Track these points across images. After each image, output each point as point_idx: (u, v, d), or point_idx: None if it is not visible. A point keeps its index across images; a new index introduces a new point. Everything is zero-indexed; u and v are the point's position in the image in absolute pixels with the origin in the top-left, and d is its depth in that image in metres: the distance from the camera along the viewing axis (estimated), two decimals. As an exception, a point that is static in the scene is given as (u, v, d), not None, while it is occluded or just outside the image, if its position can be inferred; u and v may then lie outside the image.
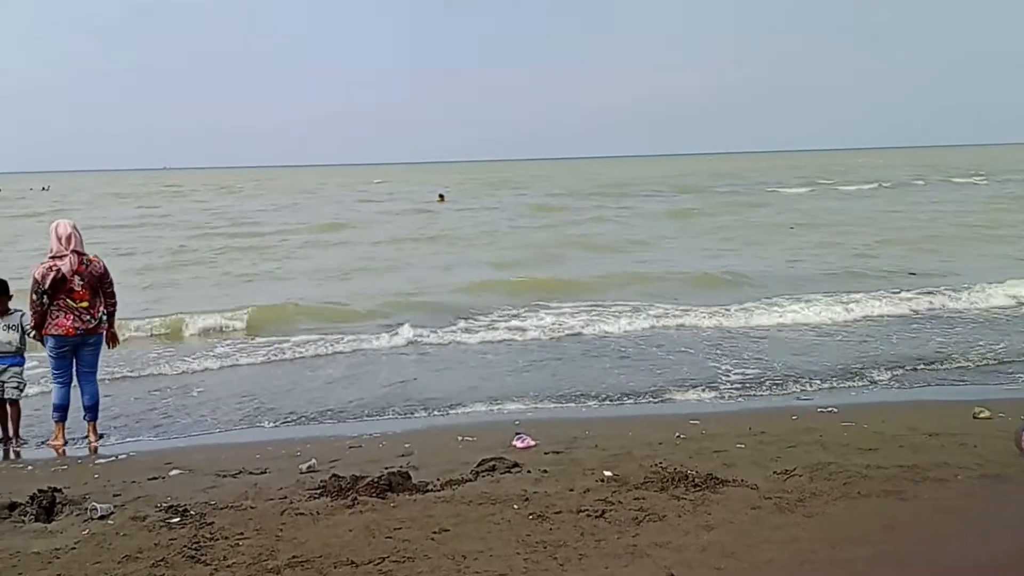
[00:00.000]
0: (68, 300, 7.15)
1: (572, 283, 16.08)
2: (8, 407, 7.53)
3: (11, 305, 7.63)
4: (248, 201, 54.56)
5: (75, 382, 7.46)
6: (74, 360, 7.38)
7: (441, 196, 47.65)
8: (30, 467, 6.66)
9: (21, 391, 7.58)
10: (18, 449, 7.35)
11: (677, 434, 6.77)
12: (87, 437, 7.45)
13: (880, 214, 31.72)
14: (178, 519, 5.01)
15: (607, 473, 5.66)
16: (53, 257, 7.13)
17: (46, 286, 7.06)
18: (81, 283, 7.18)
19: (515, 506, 5.04)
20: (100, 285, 7.36)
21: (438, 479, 5.69)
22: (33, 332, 7.34)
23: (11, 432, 7.54)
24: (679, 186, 58.38)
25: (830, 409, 7.58)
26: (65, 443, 7.35)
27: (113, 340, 7.67)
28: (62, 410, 7.38)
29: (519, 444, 6.58)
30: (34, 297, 7.12)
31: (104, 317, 7.44)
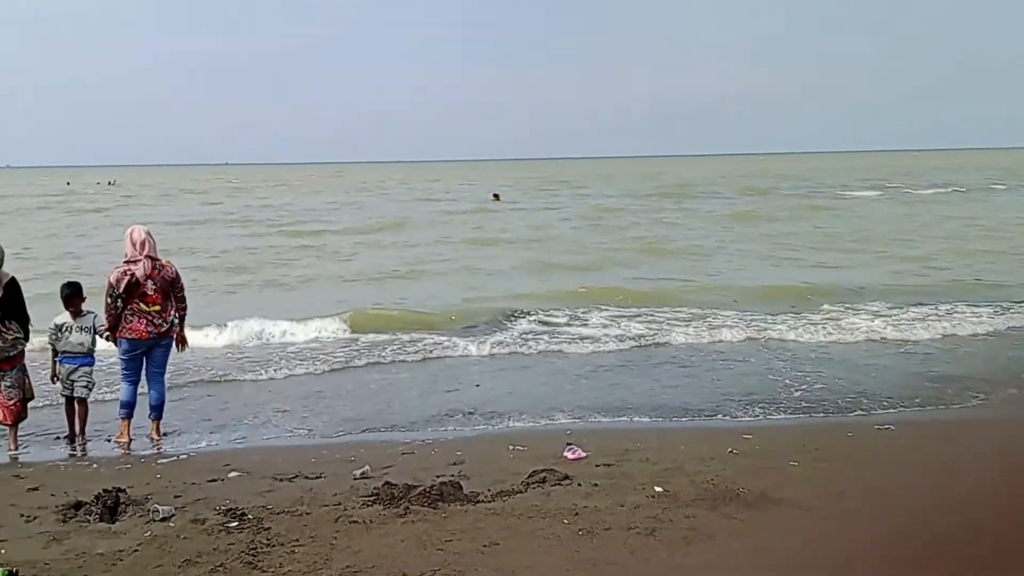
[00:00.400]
0: (141, 304, 7.40)
1: (634, 291, 15.73)
2: (76, 405, 7.79)
3: (84, 307, 7.89)
4: (308, 198, 55.46)
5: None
6: (144, 360, 7.63)
7: (496, 195, 47.78)
8: (95, 465, 6.88)
9: (90, 390, 7.83)
10: (81, 451, 7.56)
11: (730, 449, 6.70)
12: (150, 435, 7.69)
13: (957, 220, 30.59)
14: (236, 523, 5.13)
15: (658, 489, 5.64)
16: (128, 262, 7.39)
17: (120, 290, 7.31)
18: (154, 287, 7.42)
19: (565, 520, 5.06)
20: (172, 289, 7.60)
21: (488, 490, 5.72)
22: (107, 334, 7.60)
23: (77, 430, 7.79)
24: (742, 188, 57.10)
25: (888, 427, 7.44)
26: (131, 440, 7.58)
27: (183, 343, 7.90)
28: (129, 407, 7.62)
29: (570, 455, 6.58)
30: (109, 300, 7.38)
31: (175, 321, 7.68)
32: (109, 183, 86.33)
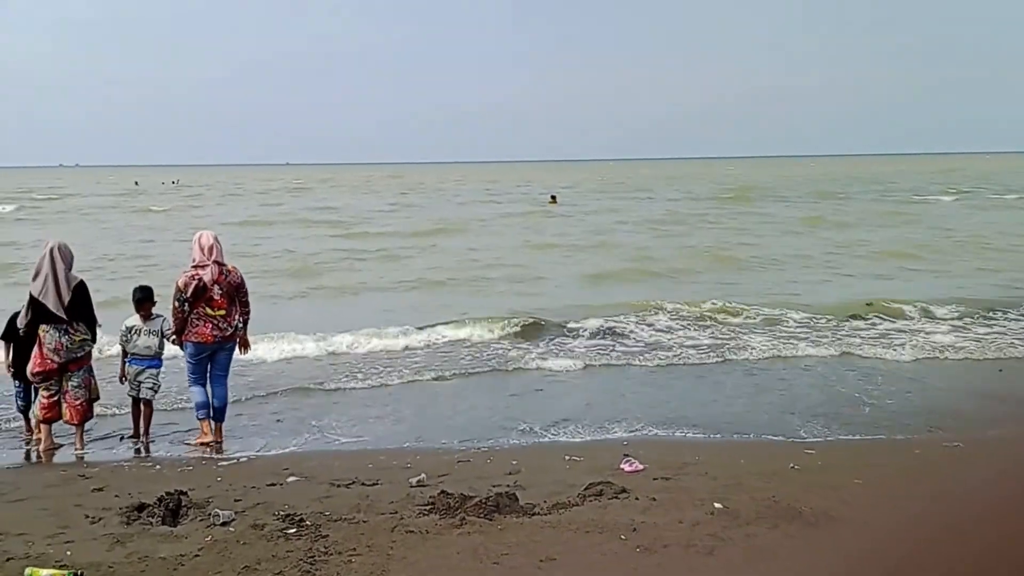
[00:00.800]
0: (207, 308, 7.54)
1: (701, 301, 14.98)
2: (142, 406, 7.98)
3: (153, 311, 8.08)
4: (368, 199, 56.12)
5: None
6: (209, 363, 7.77)
7: (553, 197, 47.70)
8: (158, 466, 7.01)
9: (155, 392, 8.03)
10: (145, 452, 7.70)
11: (791, 464, 6.55)
12: (214, 438, 7.82)
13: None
14: (294, 529, 5.16)
15: (717, 505, 5.51)
16: (195, 267, 7.54)
17: (188, 294, 7.46)
18: (220, 292, 7.57)
19: (622, 536, 4.98)
20: (237, 294, 7.74)
21: (545, 501, 5.66)
22: (173, 337, 7.77)
23: (141, 430, 7.98)
24: (812, 191, 55.58)
25: (956, 444, 7.20)
26: (212, 439, 7.72)
27: (245, 346, 8.03)
28: (205, 407, 7.77)
29: (627, 468, 6.50)
30: (176, 304, 7.53)
31: (239, 325, 7.81)
32: (173, 182, 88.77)
